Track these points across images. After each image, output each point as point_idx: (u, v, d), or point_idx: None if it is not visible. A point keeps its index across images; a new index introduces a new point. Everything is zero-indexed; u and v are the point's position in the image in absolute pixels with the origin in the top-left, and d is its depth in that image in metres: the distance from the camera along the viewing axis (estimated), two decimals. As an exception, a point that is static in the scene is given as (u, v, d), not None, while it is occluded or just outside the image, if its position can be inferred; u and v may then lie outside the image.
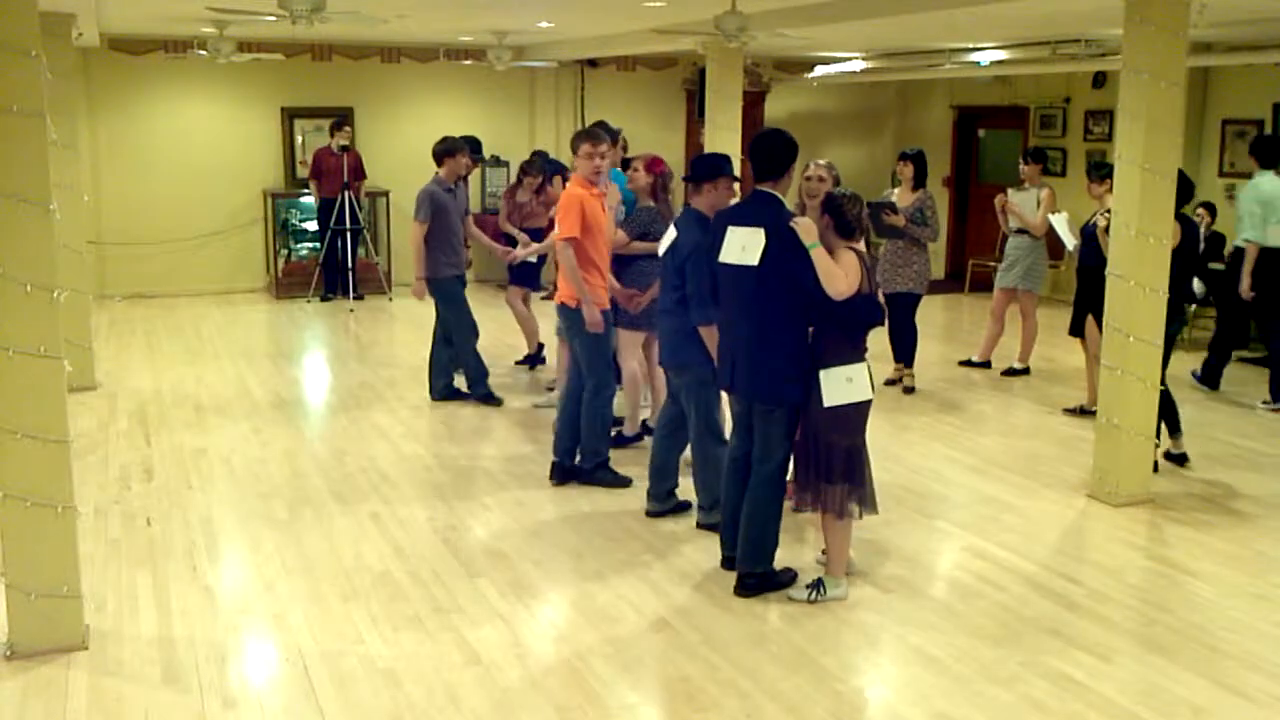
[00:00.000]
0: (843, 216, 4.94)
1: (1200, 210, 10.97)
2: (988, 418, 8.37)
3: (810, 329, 4.98)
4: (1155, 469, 6.75)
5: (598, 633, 4.82)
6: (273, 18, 7.43)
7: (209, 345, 10.67)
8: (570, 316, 6.53)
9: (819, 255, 4.82)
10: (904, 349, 9.05)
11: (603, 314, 6.45)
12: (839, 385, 4.90)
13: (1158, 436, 6.77)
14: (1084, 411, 8.33)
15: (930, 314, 12.80)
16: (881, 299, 5.19)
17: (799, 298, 4.88)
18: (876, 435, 7.83)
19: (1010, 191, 9.60)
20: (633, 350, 7.24)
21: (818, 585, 5.12)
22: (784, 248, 4.87)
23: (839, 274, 4.81)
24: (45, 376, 4.38)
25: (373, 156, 13.31)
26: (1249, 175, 11.66)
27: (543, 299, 13.19)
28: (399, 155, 13.65)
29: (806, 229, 4.85)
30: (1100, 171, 8.28)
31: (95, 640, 4.64)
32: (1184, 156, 6.41)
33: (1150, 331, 6.31)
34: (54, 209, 4.35)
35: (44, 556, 4.47)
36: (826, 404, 4.90)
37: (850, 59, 14.10)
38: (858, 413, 4.99)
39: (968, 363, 9.93)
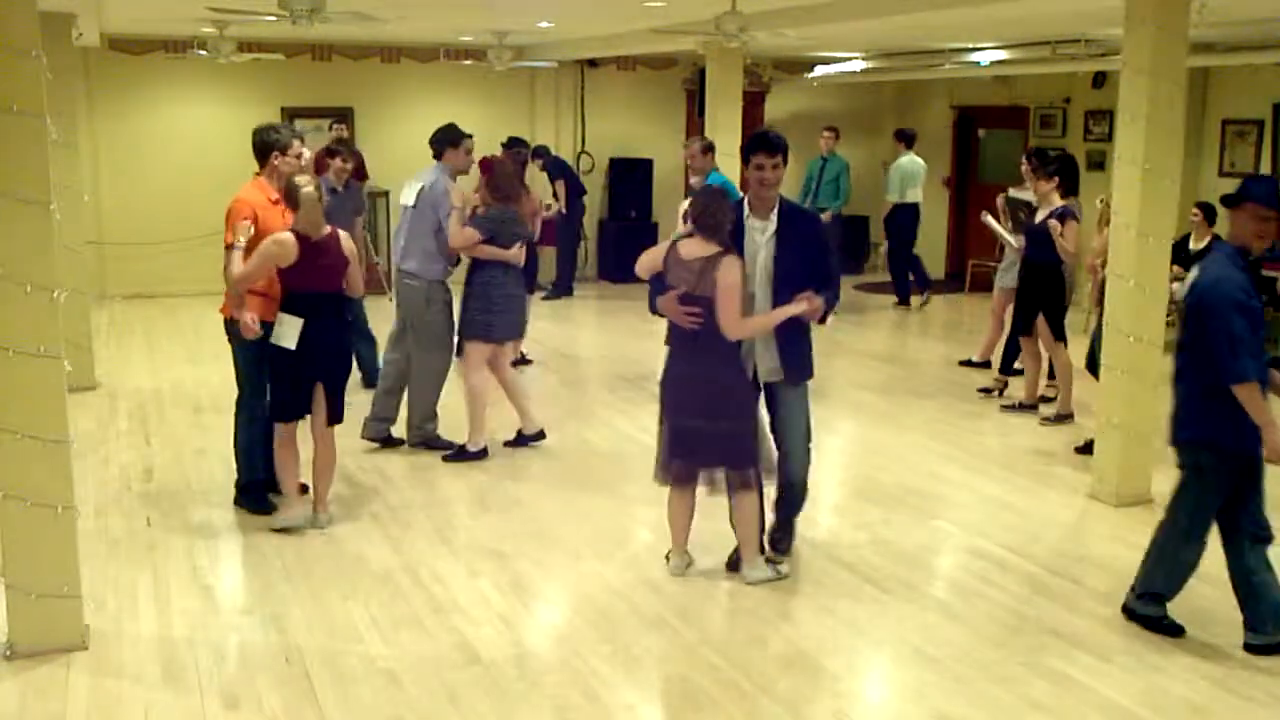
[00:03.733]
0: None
1: (1195, 210, 10.97)
2: (988, 418, 8.36)
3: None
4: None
5: (598, 633, 4.82)
6: (273, 18, 7.43)
7: (209, 345, 10.62)
8: (229, 328, 6.19)
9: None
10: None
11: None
12: None
13: None
14: (1022, 407, 8.35)
15: (930, 314, 12.82)
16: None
17: None
18: (877, 435, 7.88)
19: (1012, 190, 9.61)
20: (479, 363, 7.08)
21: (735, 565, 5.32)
22: None
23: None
24: (45, 376, 4.38)
25: (373, 156, 13.27)
26: (1250, 175, 11.76)
27: (543, 299, 13.22)
28: (399, 155, 13.60)
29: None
30: (1048, 166, 8.13)
31: (95, 640, 4.64)
32: (1184, 156, 6.41)
33: (1151, 331, 6.31)
34: (54, 209, 4.35)
35: (44, 556, 4.47)
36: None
37: (850, 59, 14.10)
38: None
39: (968, 363, 9.92)
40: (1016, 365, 9.41)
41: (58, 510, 4.45)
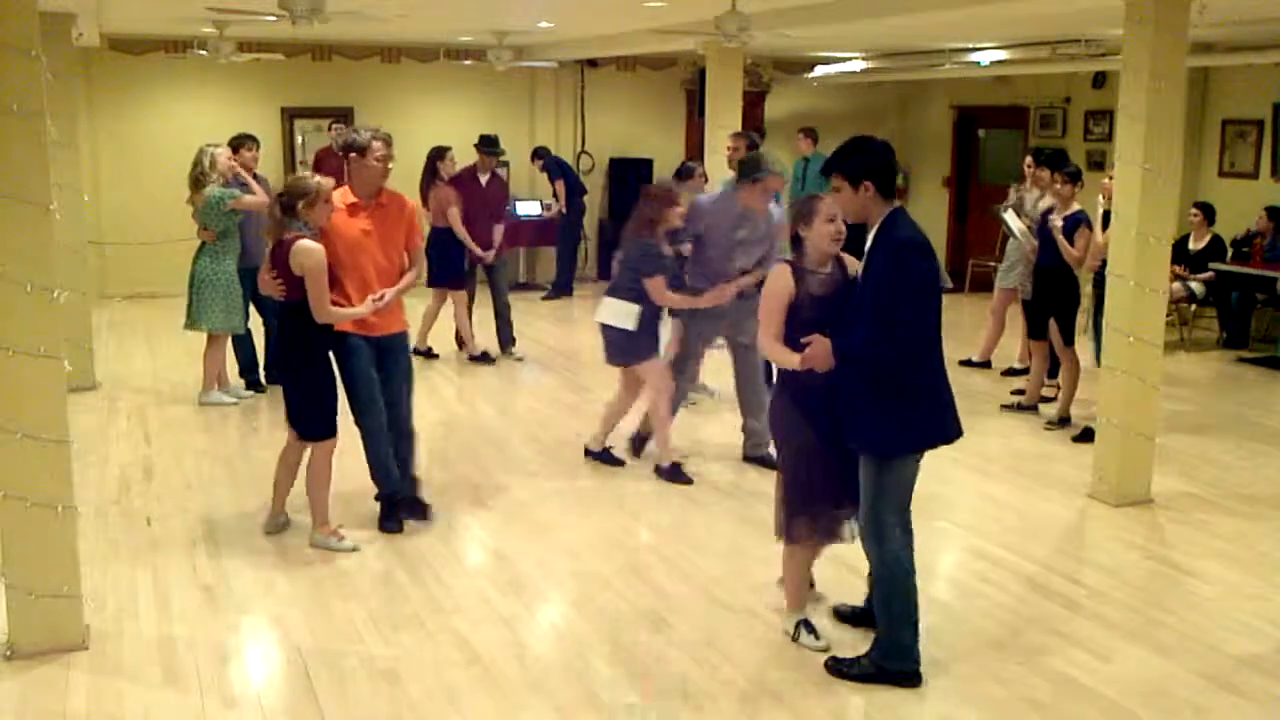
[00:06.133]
0: None
1: (1195, 210, 10.98)
2: (988, 418, 8.36)
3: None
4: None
5: (598, 633, 4.82)
6: (273, 18, 7.43)
7: (209, 345, 10.65)
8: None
9: None
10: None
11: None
12: None
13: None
14: (1022, 408, 8.35)
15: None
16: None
17: None
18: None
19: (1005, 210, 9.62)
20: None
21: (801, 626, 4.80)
22: None
23: None
24: (45, 376, 4.38)
25: (372, 157, 13.29)
26: (1250, 175, 11.76)
27: (543, 299, 13.25)
28: (399, 155, 13.51)
29: None
30: (1067, 168, 7.87)
31: (95, 640, 4.64)
32: (1184, 156, 6.42)
33: (1150, 331, 6.32)
34: (54, 209, 4.35)
35: (44, 556, 4.47)
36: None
37: (850, 59, 14.10)
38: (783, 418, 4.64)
39: (968, 363, 9.91)
40: (1018, 365, 9.43)
41: (58, 510, 4.45)
